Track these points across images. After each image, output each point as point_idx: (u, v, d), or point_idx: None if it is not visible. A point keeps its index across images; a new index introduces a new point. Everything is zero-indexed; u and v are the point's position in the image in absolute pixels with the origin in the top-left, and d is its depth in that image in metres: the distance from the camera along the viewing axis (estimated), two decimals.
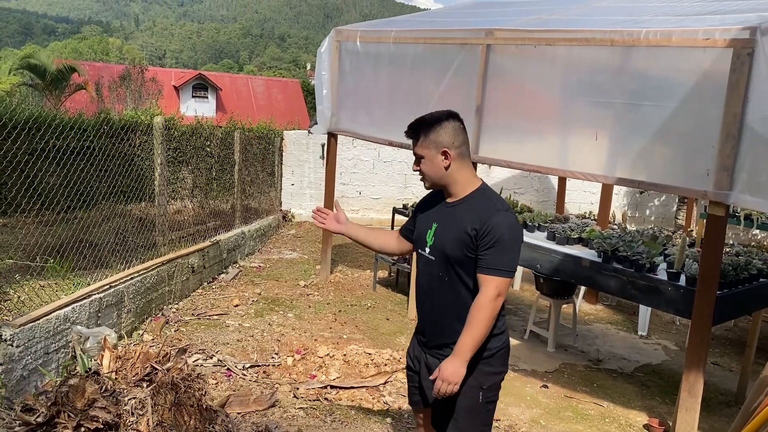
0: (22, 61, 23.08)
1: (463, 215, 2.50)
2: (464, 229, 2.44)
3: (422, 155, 2.54)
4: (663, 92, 4.45)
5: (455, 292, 2.52)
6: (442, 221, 2.57)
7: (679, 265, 4.86)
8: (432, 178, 2.55)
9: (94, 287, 4.86)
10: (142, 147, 8.57)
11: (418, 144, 2.55)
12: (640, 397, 5.12)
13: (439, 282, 2.55)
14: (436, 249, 2.55)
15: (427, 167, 2.54)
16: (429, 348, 2.64)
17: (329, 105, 7.48)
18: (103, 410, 3.25)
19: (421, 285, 2.67)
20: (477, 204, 2.50)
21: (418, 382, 2.73)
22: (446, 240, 2.52)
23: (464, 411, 2.55)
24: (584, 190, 13.01)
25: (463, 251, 2.45)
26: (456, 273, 2.50)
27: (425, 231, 2.62)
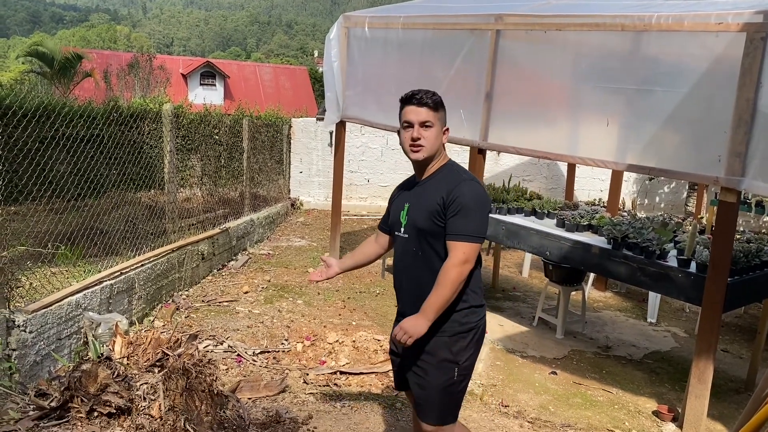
0: (30, 48, 23.12)
1: (432, 188, 2.59)
2: (434, 201, 2.53)
3: (433, 124, 2.57)
4: (674, 78, 4.41)
5: (430, 265, 2.56)
6: (414, 199, 2.65)
7: (690, 251, 4.84)
8: (430, 149, 2.58)
9: (105, 274, 4.89)
10: (151, 135, 8.59)
11: (434, 112, 2.57)
12: (650, 383, 5.12)
13: (413, 258, 2.61)
14: (410, 226, 2.63)
15: (433, 136, 2.58)
16: None
17: (338, 92, 7.46)
18: (115, 395, 3.28)
19: (396, 265, 2.73)
20: (445, 176, 2.61)
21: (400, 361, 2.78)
22: (418, 214, 2.59)
23: (439, 387, 2.57)
24: (594, 177, 12.95)
25: (434, 222, 2.52)
26: (429, 245, 2.56)
27: (399, 213, 2.70)
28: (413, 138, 2.56)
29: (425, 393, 2.60)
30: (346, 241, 9.39)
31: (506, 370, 5.12)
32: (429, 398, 2.60)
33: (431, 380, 2.57)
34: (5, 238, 3.84)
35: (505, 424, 4.01)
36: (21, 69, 28.98)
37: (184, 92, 28.27)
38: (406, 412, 3.98)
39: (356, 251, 3.07)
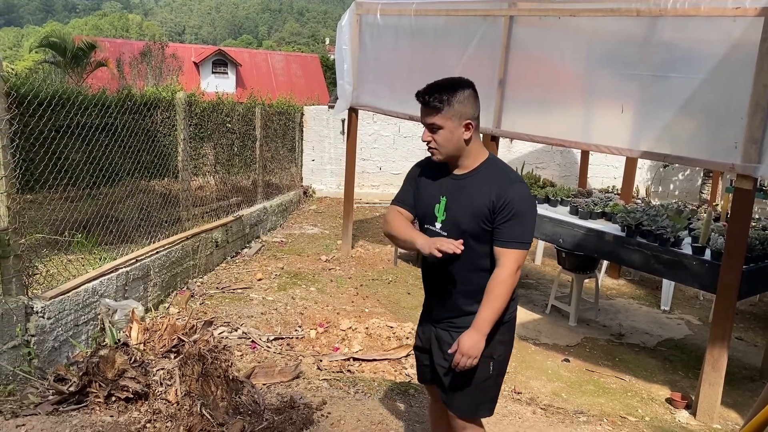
0: (43, 38, 23.25)
1: (477, 188, 2.41)
2: (481, 203, 2.37)
3: (441, 126, 2.36)
4: (690, 63, 4.36)
5: (468, 265, 2.44)
6: (453, 194, 2.45)
7: (705, 239, 4.81)
8: (447, 151, 2.40)
9: (120, 261, 4.94)
10: (164, 123, 8.63)
11: (439, 113, 2.34)
12: (663, 371, 5.11)
13: (451, 256, 2.35)
14: (450, 224, 2.45)
15: (445, 139, 2.37)
16: (439, 322, 2.58)
17: (350, 80, 7.45)
18: (132, 380, 3.33)
19: (429, 261, 2.47)
20: (490, 175, 2.42)
21: (428, 360, 2.66)
22: (461, 214, 2.42)
23: (475, 383, 2.50)
24: (607, 164, 12.87)
25: (480, 225, 2.38)
26: (470, 246, 2.39)
27: (433, 206, 2.49)
28: (423, 140, 2.42)
29: (460, 389, 2.52)
30: (359, 228, 9.41)
31: (519, 357, 5.13)
32: (465, 394, 2.52)
33: (467, 376, 2.47)
34: (22, 226, 3.88)
35: (517, 411, 4.03)
36: (35, 58, 29.16)
37: (197, 80, 28.33)
38: (419, 398, 4.00)
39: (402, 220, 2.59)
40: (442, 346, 2.55)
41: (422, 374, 2.77)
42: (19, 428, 2.96)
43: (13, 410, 3.19)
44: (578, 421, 4.01)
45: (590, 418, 4.10)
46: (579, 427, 3.90)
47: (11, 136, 3.68)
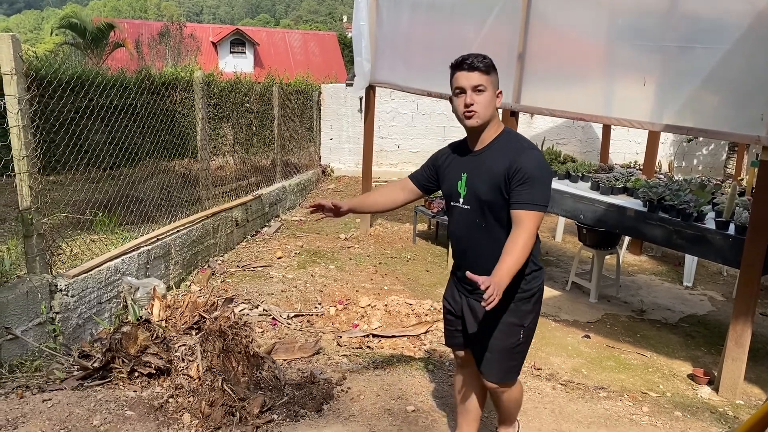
0: (62, 20, 23.37)
1: (493, 159, 2.52)
2: (497, 172, 2.47)
3: (486, 88, 2.47)
4: (715, 34, 4.24)
5: (494, 237, 2.54)
6: (472, 169, 2.57)
7: (729, 213, 4.73)
8: (484, 115, 2.49)
9: (142, 240, 5.00)
10: (182, 103, 8.67)
11: (485, 75, 2.47)
12: (685, 347, 5.07)
13: (477, 229, 2.58)
14: (470, 197, 2.57)
15: (487, 101, 2.48)
16: (471, 292, 2.68)
17: (368, 56, 7.38)
18: (155, 356, 3.38)
19: (458, 235, 2.69)
20: (506, 146, 2.53)
21: (461, 324, 2.79)
22: (479, 186, 2.53)
23: (505, 349, 2.64)
24: (629, 139, 12.68)
25: (498, 194, 2.47)
26: (493, 217, 2.53)
27: (456, 183, 2.62)
28: (466, 104, 2.47)
29: (491, 355, 2.66)
30: None
31: (539, 333, 5.08)
32: (495, 359, 2.66)
33: (498, 343, 2.62)
34: (45, 206, 3.93)
35: (537, 386, 4.03)
36: (56, 41, 29.34)
37: (215, 60, 28.34)
38: (438, 374, 4.02)
39: (376, 194, 2.95)
40: (476, 315, 2.67)
41: (452, 339, 2.89)
42: (46, 402, 3.02)
43: (40, 385, 3.26)
44: (598, 396, 4.00)
45: (611, 393, 4.08)
46: (599, 402, 3.88)
47: (31, 116, 3.71)
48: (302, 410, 3.37)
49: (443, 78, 2.63)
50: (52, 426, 2.85)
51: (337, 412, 3.41)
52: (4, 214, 6.59)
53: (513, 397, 2.83)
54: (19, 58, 3.57)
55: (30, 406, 2.98)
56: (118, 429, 2.93)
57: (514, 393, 2.82)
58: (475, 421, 2.98)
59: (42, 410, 2.95)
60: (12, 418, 2.86)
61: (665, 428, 3.59)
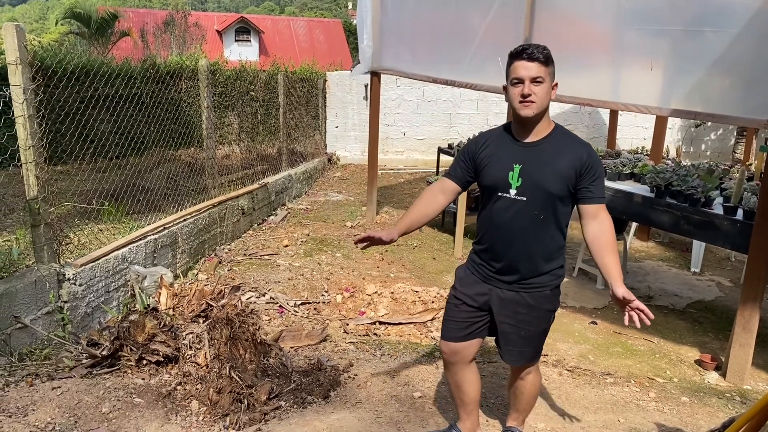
0: (67, 10, 23.35)
1: (555, 152, 2.54)
2: (567, 166, 2.52)
3: (544, 79, 2.47)
4: (724, 17, 4.20)
5: (547, 228, 2.61)
6: (529, 161, 2.54)
7: (737, 198, 4.70)
8: (541, 105, 2.48)
9: (149, 229, 5.01)
10: (188, 92, 8.65)
11: (544, 67, 2.48)
12: (692, 333, 5.06)
13: (531, 221, 2.57)
14: (528, 189, 2.54)
15: (545, 93, 2.48)
16: (510, 283, 2.67)
17: (371, 43, 7.35)
18: (162, 344, 3.40)
19: (502, 226, 2.62)
20: (566, 141, 2.58)
21: (479, 317, 2.75)
22: (545, 179, 2.53)
23: (541, 334, 2.76)
24: (636, 125, 12.60)
25: (566, 188, 2.54)
26: (553, 210, 2.58)
27: (505, 173, 2.57)
28: (523, 94, 2.46)
29: (531, 342, 2.75)
30: (383, 195, 9.40)
31: None
32: (533, 344, 2.77)
33: (537, 329, 2.72)
34: (52, 195, 3.95)
35: (544, 372, 4.03)
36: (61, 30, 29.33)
37: (220, 49, 28.27)
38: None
39: (419, 208, 2.80)
40: (510, 307, 2.69)
41: (459, 331, 2.79)
42: (55, 390, 3.05)
43: (49, 373, 3.29)
44: (605, 382, 4.00)
45: (617, 379, 4.08)
46: (606, 388, 3.89)
47: (37, 106, 3.72)
48: (309, 397, 3.39)
49: (449, 64, 2.64)
50: (62, 413, 2.88)
51: (344, 398, 3.43)
52: (12, 204, 6.62)
53: (537, 381, 2.91)
54: (24, 48, 3.57)
55: (40, 394, 3.01)
56: (126, 416, 2.95)
57: (538, 377, 2.91)
58: (475, 409, 2.97)
59: (51, 398, 2.98)
60: (22, 406, 2.89)
61: (672, 414, 3.59)
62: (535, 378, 2.89)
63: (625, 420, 3.42)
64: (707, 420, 3.52)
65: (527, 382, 2.86)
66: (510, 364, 2.83)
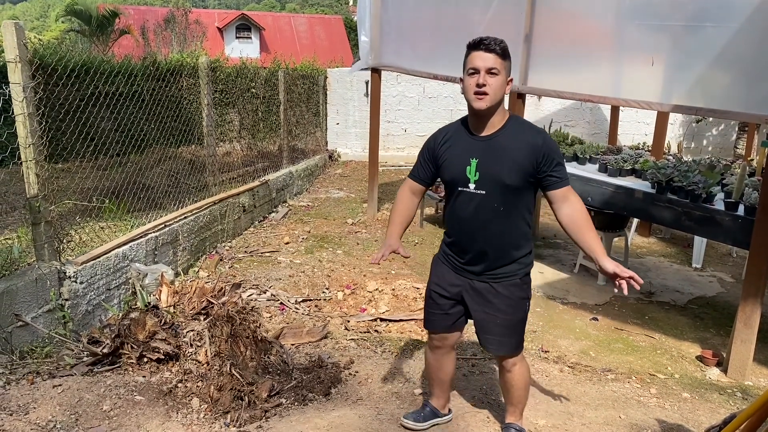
0: (68, 7, 23.34)
1: (511, 144, 2.57)
2: (521, 157, 2.54)
3: (499, 71, 2.51)
4: (726, 12, 4.17)
5: (510, 219, 2.63)
6: (485, 154, 2.59)
7: (738, 194, 4.69)
8: (496, 98, 2.52)
9: (149, 226, 5.01)
10: (189, 89, 8.64)
11: (500, 59, 2.51)
12: (693, 329, 5.05)
13: (492, 213, 2.61)
14: (487, 182, 2.58)
15: (499, 85, 2.51)
16: (479, 274, 2.73)
17: (371, 39, 7.33)
18: (163, 342, 3.40)
19: (465, 220, 2.68)
20: (520, 131, 2.61)
21: (454, 307, 2.83)
22: (501, 171, 2.56)
23: (518, 322, 2.78)
24: (638, 120, 12.57)
25: (524, 178, 2.57)
26: (512, 201, 2.60)
27: (463, 168, 2.62)
28: (478, 84, 2.49)
29: (509, 330, 2.76)
30: (384, 192, 9.39)
31: (546, 316, 5.11)
32: (512, 333, 2.78)
33: (513, 318, 2.75)
34: (53, 193, 3.95)
35: (545, 369, 4.03)
36: (61, 28, 29.33)
37: (221, 46, 28.23)
38: None
39: (399, 213, 2.90)
40: (483, 296, 2.74)
41: (440, 322, 2.91)
42: (56, 388, 3.05)
43: (50, 371, 3.29)
44: (606, 378, 4.00)
45: (618, 375, 4.08)
46: (607, 384, 3.88)
47: (36, 104, 3.71)
48: (310, 394, 3.39)
49: (449, 60, 2.64)
50: (63, 411, 2.88)
51: (345, 395, 3.43)
52: (13, 202, 6.63)
53: (522, 372, 2.90)
54: (23, 46, 3.56)
55: (41, 392, 3.01)
56: (127, 414, 2.96)
57: (523, 368, 2.90)
58: (449, 388, 3.13)
59: (52, 396, 2.98)
60: (23, 404, 2.89)
61: (673, 410, 3.59)
62: (522, 368, 2.89)
63: (626, 416, 3.42)
64: (708, 416, 3.52)
65: (514, 374, 2.87)
66: (492, 353, 2.87)
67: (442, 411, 3.14)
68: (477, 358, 4.11)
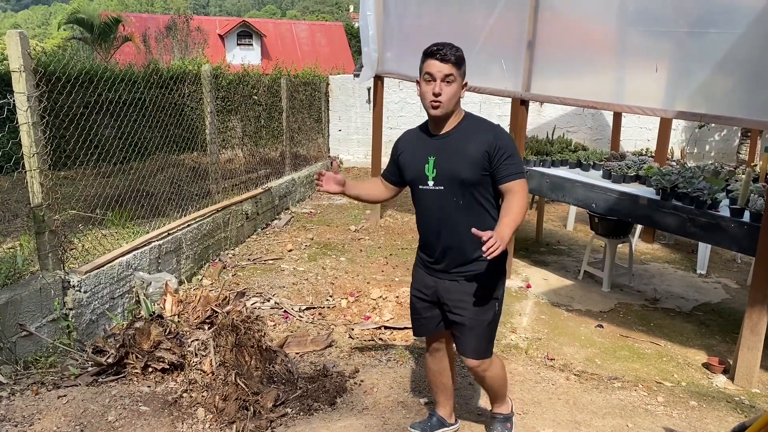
0: (70, 15, 23.40)
1: (464, 140, 2.64)
2: (476, 151, 2.59)
3: (455, 79, 2.57)
4: (730, 18, 4.17)
5: (471, 212, 2.66)
6: (441, 152, 2.66)
7: (743, 200, 4.67)
8: (449, 106, 2.60)
9: (153, 235, 5.01)
10: (191, 97, 8.64)
11: (455, 67, 2.57)
12: (699, 335, 5.03)
13: (454, 207, 2.66)
14: (444, 178, 2.65)
15: (454, 92, 2.59)
16: (447, 272, 2.76)
17: (375, 46, 7.34)
18: (168, 351, 3.39)
19: (429, 217, 2.75)
20: (474, 127, 2.67)
21: (433, 310, 2.86)
22: (456, 167, 2.62)
23: (485, 323, 2.76)
24: (641, 126, 12.56)
25: (479, 172, 2.60)
26: (471, 194, 2.64)
27: (422, 167, 2.69)
28: (434, 93, 2.56)
29: (475, 331, 2.74)
30: None
31: (551, 323, 5.09)
32: (478, 335, 2.76)
33: (481, 318, 2.73)
34: (56, 202, 3.94)
35: (551, 377, 4.01)
36: (63, 36, 29.42)
37: (222, 53, 28.29)
38: None
39: (365, 186, 3.04)
40: (452, 295, 2.76)
41: (425, 326, 2.95)
42: (61, 399, 3.04)
43: (55, 381, 3.28)
44: (613, 386, 3.97)
45: (625, 383, 4.06)
46: (613, 392, 3.86)
47: (41, 113, 3.71)
48: (316, 404, 3.37)
49: None
50: (68, 422, 2.86)
51: (351, 405, 3.41)
52: (16, 209, 6.62)
53: (496, 374, 2.90)
54: (27, 55, 3.56)
55: (45, 403, 2.99)
56: (132, 425, 2.94)
57: (495, 369, 2.89)
58: (452, 394, 3.15)
59: (57, 406, 2.97)
60: (28, 415, 2.88)
61: (681, 418, 3.57)
62: (494, 371, 2.87)
63: (634, 425, 3.40)
64: (716, 424, 3.49)
65: (488, 378, 2.87)
66: (463, 356, 2.82)
67: (449, 420, 3.13)
68: None
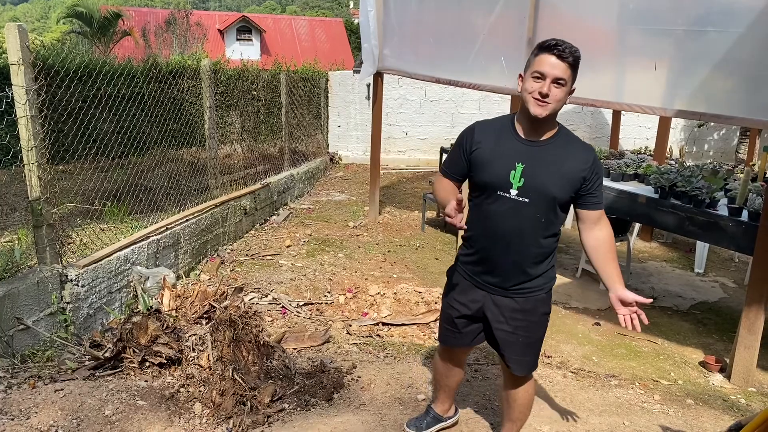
0: (69, 9, 23.34)
1: (560, 155, 2.42)
2: (571, 171, 2.41)
3: (566, 83, 2.33)
4: (729, 17, 4.17)
5: (545, 231, 2.50)
6: (533, 161, 2.40)
7: (742, 200, 4.68)
8: (556, 108, 2.35)
9: (151, 229, 5.00)
10: (190, 91, 8.62)
11: (570, 69, 2.33)
12: (696, 334, 5.04)
13: (530, 223, 2.45)
14: (531, 190, 2.41)
15: (563, 95, 2.34)
16: (504, 288, 2.57)
17: (375, 43, 7.33)
18: (165, 346, 3.39)
19: (500, 228, 2.49)
20: (570, 143, 2.46)
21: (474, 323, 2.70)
22: (548, 181, 2.40)
23: (539, 340, 2.69)
24: (639, 124, 12.58)
25: (569, 193, 2.44)
26: (554, 213, 2.47)
27: (506, 172, 2.42)
28: (542, 93, 2.31)
29: (531, 348, 2.66)
30: (385, 195, 9.38)
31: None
32: (532, 351, 2.68)
33: (535, 335, 2.65)
34: (54, 195, 3.94)
35: (548, 375, 4.02)
36: (63, 29, 29.35)
37: (221, 48, 28.24)
38: None
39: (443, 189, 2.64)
40: (506, 314, 2.59)
41: (460, 339, 2.77)
42: (58, 392, 3.04)
43: (52, 375, 3.28)
44: (609, 384, 3.98)
45: (622, 381, 4.07)
46: (610, 390, 3.87)
47: (39, 106, 3.70)
48: (313, 399, 3.37)
49: (451, 64, 2.62)
50: (65, 416, 2.86)
51: (348, 400, 3.41)
52: (14, 203, 6.61)
53: (532, 391, 2.81)
54: (26, 48, 3.55)
55: (42, 396, 2.99)
56: (129, 419, 2.94)
57: (533, 387, 2.81)
58: (454, 394, 3.12)
59: (54, 400, 2.97)
60: (24, 408, 2.88)
61: (677, 416, 3.58)
62: (530, 387, 2.78)
63: (630, 423, 3.40)
64: (712, 423, 3.50)
65: (523, 390, 2.76)
66: (516, 373, 2.67)
67: (445, 415, 3.13)
68: (480, 364, 4.10)
